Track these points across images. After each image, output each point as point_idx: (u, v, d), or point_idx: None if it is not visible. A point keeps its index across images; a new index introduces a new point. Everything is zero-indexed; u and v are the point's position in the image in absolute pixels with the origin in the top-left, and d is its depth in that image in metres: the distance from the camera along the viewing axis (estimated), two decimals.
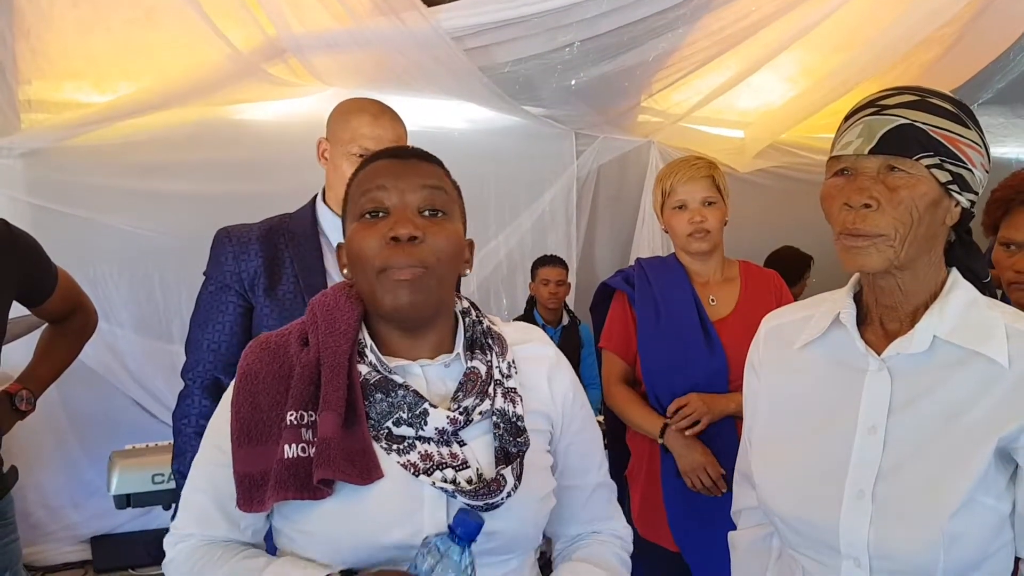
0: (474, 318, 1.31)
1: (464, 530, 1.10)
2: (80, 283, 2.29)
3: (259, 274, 1.96)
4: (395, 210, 1.21)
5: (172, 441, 3.12)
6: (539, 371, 1.33)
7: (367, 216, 1.22)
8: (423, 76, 4.10)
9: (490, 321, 1.34)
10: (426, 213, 1.22)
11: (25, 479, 3.93)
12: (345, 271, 1.29)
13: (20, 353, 2.32)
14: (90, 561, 4.19)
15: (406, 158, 1.27)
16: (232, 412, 1.21)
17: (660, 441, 2.27)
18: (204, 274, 2.02)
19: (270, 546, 1.30)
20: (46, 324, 2.29)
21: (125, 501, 3.10)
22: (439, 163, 1.31)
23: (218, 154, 4.26)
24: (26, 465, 3.91)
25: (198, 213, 3.97)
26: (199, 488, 1.27)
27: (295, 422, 1.18)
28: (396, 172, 1.23)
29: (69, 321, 2.25)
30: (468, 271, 1.32)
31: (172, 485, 3.16)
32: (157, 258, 4.23)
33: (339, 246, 1.31)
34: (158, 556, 1.31)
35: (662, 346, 2.33)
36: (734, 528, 1.56)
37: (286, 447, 1.16)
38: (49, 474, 4.19)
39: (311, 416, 1.19)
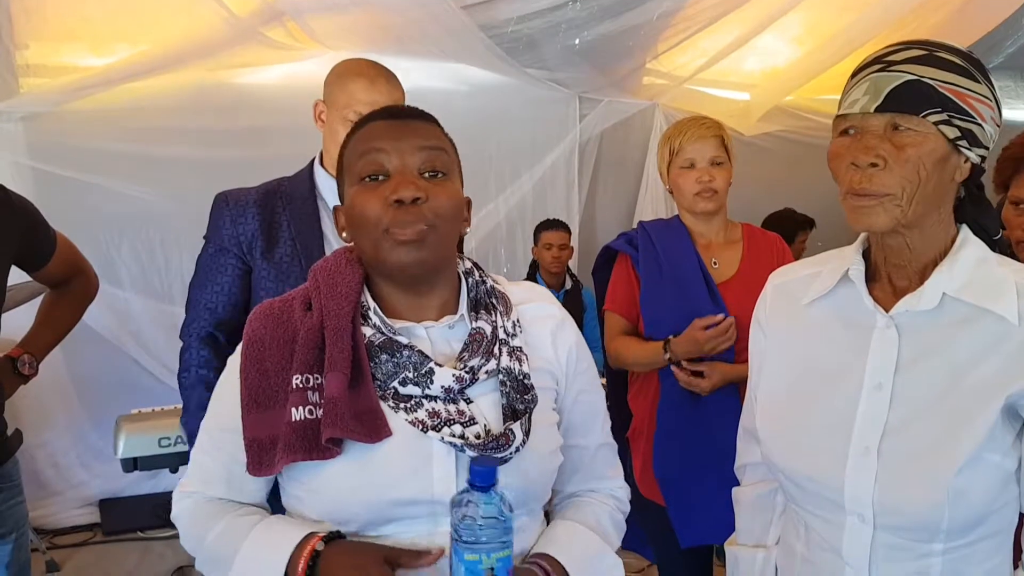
0: (477, 278, 1.31)
1: (480, 478, 1.09)
2: (82, 246, 2.28)
3: (256, 237, 1.97)
4: (396, 172, 1.20)
5: (176, 406, 3.13)
6: (543, 330, 1.33)
7: (367, 180, 1.21)
8: (423, 37, 4.06)
9: (494, 280, 1.34)
10: (426, 175, 1.22)
11: (32, 444, 3.99)
12: (344, 234, 1.28)
13: (22, 319, 2.33)
14: (99, 523, 4.24)
15: (402, 118, 1.26)
16: (241, 379, 1.22)
17: (666, 358, 2.25)
18: (204, 237, 2.03)
19: (278, 505, 1.32)
20: (47, 290, 2.29)
21: (132, 464, 3.13)
22: (435, 121, 1.29)
23: (218, 119, 4.26)
24: (33, 430, 3.95)
25: (199, 177, 3.96)
26: (204, 450, 1.31)
27: (301, 385, 1.19)
28: (394, 134, 1.22)
29: (70, 285, 2.25)
30: (467, 229, 1.32)
31: (178, 448, 3.20)
32: (159, 222, 4.25)
33: (336, 208, 1.30)
34: (166, 519, 1.34)
35: (666, 307, 2.32)
36: (720, 481, 1.56)
37: (293, 410, 1.17)
38: (56, 438, 4.24)
39: (316, 379, 1.19)
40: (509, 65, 4.44)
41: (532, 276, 4.61)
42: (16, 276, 2.06)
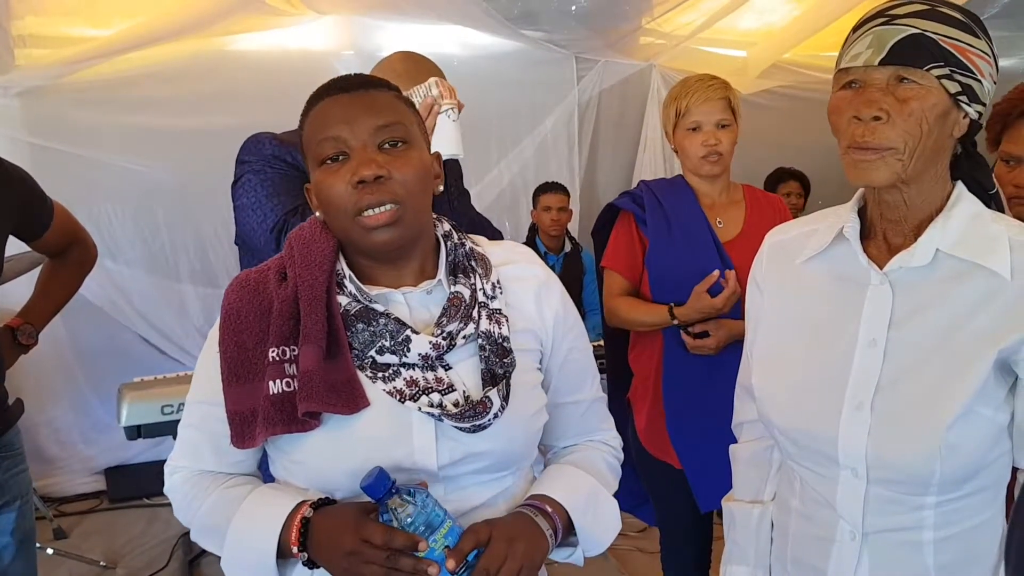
0: (456, 241, 1.30)
1: (374, 492, 1.12)
2: (83, 221, 2.28)
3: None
4: (355, 152, 1.19)
5: (178, 373, 3.11)
6: (526, 291, 1.32)
7: (328, 162, 1.20)
8: (419, 0, 4.02)
9: (473, 242, 1.33)
10: (386, 145, 1.20)
11: (36, 414, 4.01)
12: (318, 213, 1.26)
13: (21, 290, 2.33)
14: (105, 491, 4.28)
15: (353, 90, 1.23)
16: (220, 352, 1.22)
17: (674, 322, 2.25)
18: (239, 177, 1.95)
19: (267, 475, 1.33)
20: (46, 260, 2.29)
21: (136, 432, 3.14)
22: (388, 86, 1.27)
23: (216, 87, 4.23)
24: (37, 400, 3.97)
25: (197, 146, 3.96)
26: (190, 424, 1.31)
27: (277, 358, 1.19)
28: (348, 114, 1.19)
29: (68, 255, 2.25)
30: (440, 186, 1.30)
31: (181, 416, 3.20)
32: (159, 195, 4.24)
33: (307, 188, 1.28)
34: None
35: (674, 266, 2.31)
36: (734, 442, 1.57)
37: (271, 383, 1.18)
38: (61, 409, 4.27)
39: (293, 351, 1.19)
40: (505, 27, 4.39)
41: (531, 240, 4.60)
42: (14, 247, 2.06)
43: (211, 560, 3.61)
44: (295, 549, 1.16)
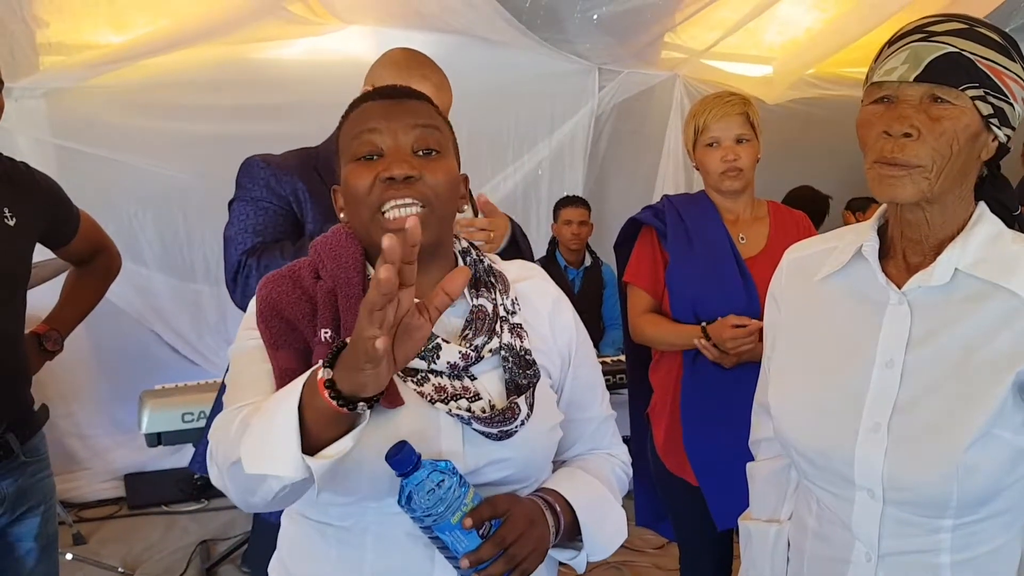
0: (475, 257, 1.32)
1: (401, 466, 1.08)
2: (103, 222, 2.31)
3: (306, 199, 1.97)
4: (389, 151, 1.21)
5: (199, 381, 3.15)
6: (541, 308, 1.34)
7: (362, 159, 1.22)
8: (443, 11, 4.05)
9: (491, 260, 1.35)
10: (420, 153, 1.22)
11: (59, 419, 4.05)
12: (342, 215, 1.29)
13: (47, 296, 2.36)
14: (124, 497, 4.31)
15: (397, 98, 1.27)
16: (261, 330, 1.21)
17: (702, 341, 2.23)
18: (235, 200, 2.01)
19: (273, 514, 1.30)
20: (71, 267, 2.32)
21: (156, 439, 3.17)
22: (429, 100, 1.30)
23: (238, 94, 4.27)
24: (60, 405, 4.00)
25: (220, 152, 3.94)
26: (236, 399, 1.20)
27: (328, 339, 1.19)
28: (388, 113, 1.23)
29: (93, 263, 2.28)
30: (466, 207, 1.32)
31: (201, 424, 3.23)
32: (180, 197, 4.27)
33: (334, 190, 1.31)
34: (190, 492, 1.33)
35: (694, 283, 2.31)
36: (751, 460, 1.57)
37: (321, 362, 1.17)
38: (81, 414, 4.30)
39: (337, 339, 1.19)
40: (528, 38, 4.41)
41: (552, 253, 4.60)
42: (40, 253, 2.09)
43: (229, 568, 3.62)
44: (321, 372, 1.01)
